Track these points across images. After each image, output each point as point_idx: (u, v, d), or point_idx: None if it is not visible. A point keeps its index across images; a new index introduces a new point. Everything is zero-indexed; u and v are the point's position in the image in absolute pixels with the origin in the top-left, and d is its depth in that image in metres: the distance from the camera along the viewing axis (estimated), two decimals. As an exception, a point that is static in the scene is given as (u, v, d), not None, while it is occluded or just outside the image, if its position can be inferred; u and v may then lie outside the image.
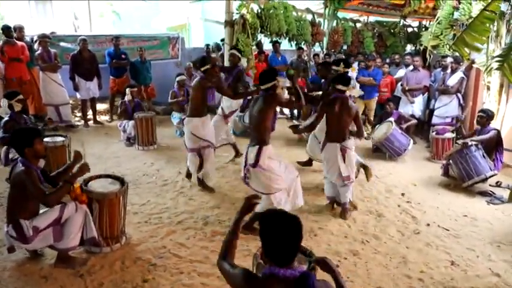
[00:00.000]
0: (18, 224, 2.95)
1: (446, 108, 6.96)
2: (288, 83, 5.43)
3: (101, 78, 7.63)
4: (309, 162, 5.83)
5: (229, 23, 7.73)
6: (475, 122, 5.85)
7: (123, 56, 8.00)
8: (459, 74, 6.86)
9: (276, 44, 8.82)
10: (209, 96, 7.28)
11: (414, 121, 7.12)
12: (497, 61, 4.84)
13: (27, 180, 2.87)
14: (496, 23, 5.79)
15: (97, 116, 7.99)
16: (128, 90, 6.96)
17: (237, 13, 7.73)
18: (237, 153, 5.99)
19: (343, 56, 8.79)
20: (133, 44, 9.00)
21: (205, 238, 3.70)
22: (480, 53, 6.02)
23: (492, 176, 5.17)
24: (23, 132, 3.08)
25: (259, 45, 8.72)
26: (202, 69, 4.59)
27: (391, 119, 6.61)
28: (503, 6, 5.71)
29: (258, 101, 3.76)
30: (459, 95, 6.92)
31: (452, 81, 6.86)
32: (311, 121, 4.72)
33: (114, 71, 7.95)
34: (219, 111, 5.91)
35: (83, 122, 7.71)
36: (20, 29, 6.94)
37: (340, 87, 4.13)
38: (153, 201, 4.46)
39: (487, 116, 5.45)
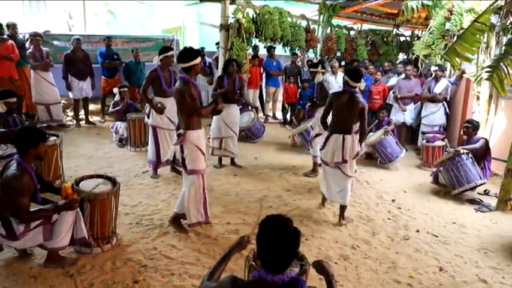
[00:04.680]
0: (8, 221, 2.92)
1: (434, 116, 7.10)
2: None
3: (94, 78, 7.60)
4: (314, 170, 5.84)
5: (225, 27, 7.76)
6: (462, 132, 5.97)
7: (115, 57, 7.97)
8: (444, 82, 7.04)
9: (270, 49, 8.88)
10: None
11: (393, 125, 7.03)
12: (486, 72, 4.92)
13: (16, 187, 2.85)
14: (486, 35, 5.91)
15: (89, 117, 7.94)
16: (116, 90, 6.94)
17: (232, 17, 7.77)
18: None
19: (336, 63, 8.87)
20: (127, 45, 8.99)
21: (197, 240, 3.69)
22: (470, 63, 6.14)
23: (482, 184, 5.26)
24: (32, 132, 3.08)
25: (255, 49, 8.76)
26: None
27: (388, 126, 6.70)
28: (494, 19, 5.83)
29: (178, 84, 3.71)
30: (445, 103, 7.07)
31: (439, 88, 7.01)
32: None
33: (106, 71, 7.93)
34: None
35: (74, 121, 7.65)
36: (13, 27, 6.90)
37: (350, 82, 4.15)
38: (144, 202, 4.44)
39: (473, 127, 5.56)
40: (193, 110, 3.68)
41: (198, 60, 3.71)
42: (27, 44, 6.91)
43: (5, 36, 6.59)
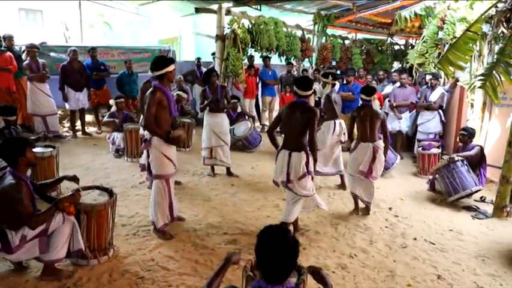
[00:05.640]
0: (3, 233, 2.90)
1: (430, 124, 7.16)
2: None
3: (90, 89, 7.61)
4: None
5: (221, 38, 7.83)
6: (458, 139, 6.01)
7: (102, 67, 7.96)
8: (440, 90, 7.12)
9: (266, 59, 8.96)
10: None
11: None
12: (480, 80, 4.98)
13: (16, 197, 2.84)
14: (478, 44, 6.00)
15: (86, 127, 7.93)
16: (112, 102, 6.95)
17: (228, 28, 7.84)
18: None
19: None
20: (123, 56, 9.03)
21: (194, 251, 3.67)
22: (464, 71, 6.21)
23: (477, 191, 5.28)
24: (14, 141, 3.07)
25: (250, 59, 8.84)
26: None
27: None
28: (485, 28, 5.92)
29: (148, 91, 3.73)
30: (440, 111, 7.15)
31: (434, 96, 7.09)
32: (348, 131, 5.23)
33: (93, 82, 7.85)
34: None
35: (71, 132, 7.64)
36: (9, 39, 6.92)
37: (364, 97, 4.75)
38: (141, 213, 4.42)
39: (469, 134, 5.61)
40: (150, 120, 3.67)
41: (171, 68, 3.70)
42: (23, 56, 6.93)
43: (2, 48, 6.62)
